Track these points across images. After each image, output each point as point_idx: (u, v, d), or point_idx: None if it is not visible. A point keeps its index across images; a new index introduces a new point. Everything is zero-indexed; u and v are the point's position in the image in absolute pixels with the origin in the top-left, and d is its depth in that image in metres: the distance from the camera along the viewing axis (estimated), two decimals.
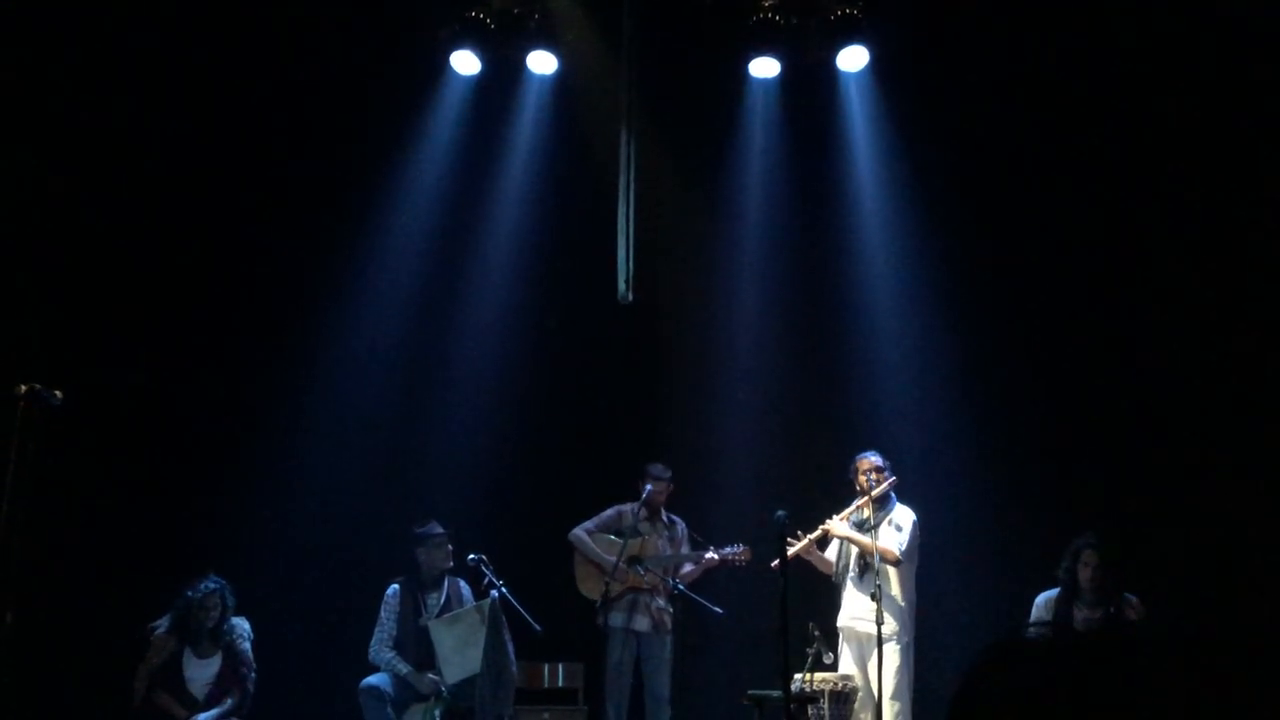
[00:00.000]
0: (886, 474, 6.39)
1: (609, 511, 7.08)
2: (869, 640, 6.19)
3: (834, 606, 6.51)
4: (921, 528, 6.43)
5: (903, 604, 6.26)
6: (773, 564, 5.81)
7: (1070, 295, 7.48)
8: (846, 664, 6.38)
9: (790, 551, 6.07)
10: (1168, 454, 6.93)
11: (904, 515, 6.39)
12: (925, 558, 6.53)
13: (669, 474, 7.05)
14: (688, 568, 6.94)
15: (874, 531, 6.20)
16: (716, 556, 6.84)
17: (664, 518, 7.08)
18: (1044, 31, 7.38)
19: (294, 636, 7.26)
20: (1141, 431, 7.06)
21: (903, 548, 6.24)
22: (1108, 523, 6.34)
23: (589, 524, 7.04)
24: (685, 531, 7.09)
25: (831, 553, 6.59)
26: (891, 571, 6.22)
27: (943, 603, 7.06)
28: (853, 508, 6.43)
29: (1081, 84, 7.41)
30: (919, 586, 6.45)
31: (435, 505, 7.13)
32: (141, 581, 6.76)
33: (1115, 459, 7.14)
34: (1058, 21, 7.35)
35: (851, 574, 6.44)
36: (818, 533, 6.40)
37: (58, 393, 4.00)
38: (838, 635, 6.45)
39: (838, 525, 6.40)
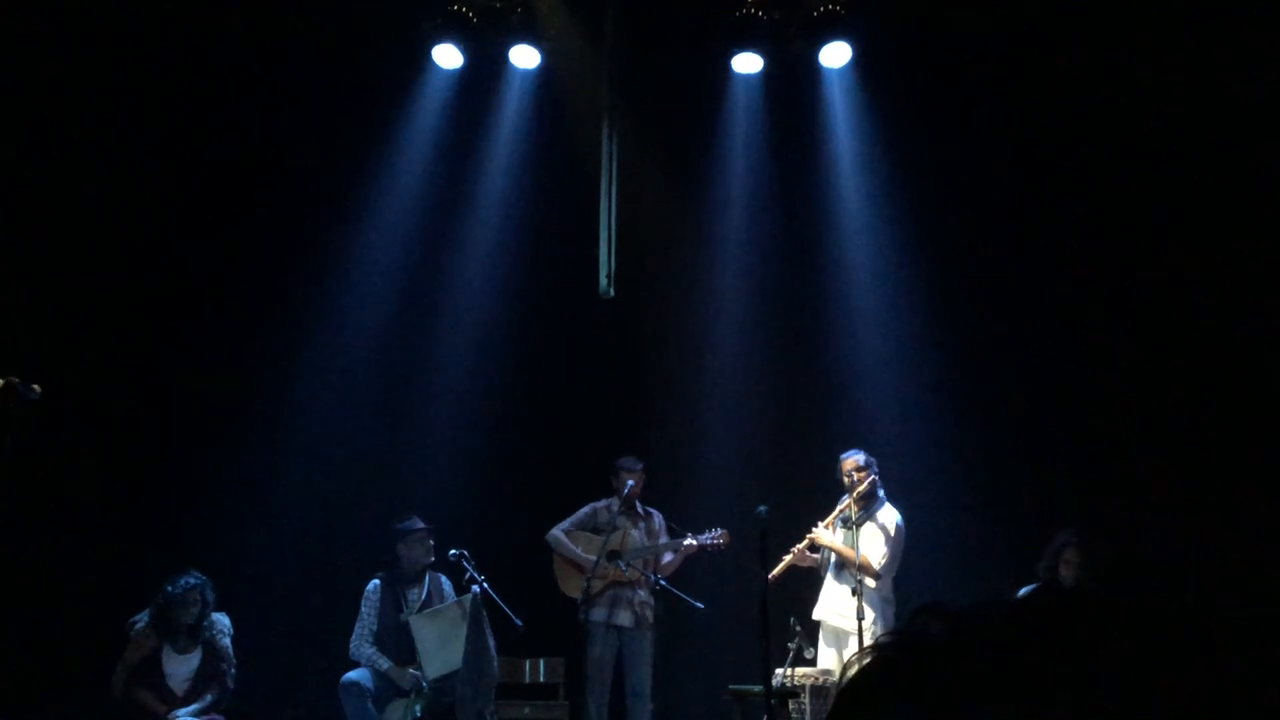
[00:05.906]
0: (870, 472, 6.40)
1: (584, 509, 7.08)
2: (845, 634, 6.24)
3: (815, 601, 6.53)
4: (906, 527, 6.44)
5: (881, 600, 6.28)
6: (769, 575, 5.81)
7: (1052, 290, 7.51)
8: (824, 656, 6.41)
9: (783, 564, 6.21)
10: (1150, 450, 6.96)
11: (889, 519, 6.36)
12: (906, 554, 6.54)
13: (641, 464, 7.06)
14: (668, 557, 6.94)
15: (857, 530, 6.23)
16: (695, 543, 6.84)
17: (639, 509, 7.08)
18: (1025, 26, 7.40)
19: (274, 632, 7.23)
20: (1124, 428, 7.10)
21: (882, 562, 6.24)
22: (1090, 520, 6.38)
23: (565, 524, 7.03)
24: (662, 522, 7.10)
25: None
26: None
27: (923, 599, 7.06)
28: (838, 509, 6.45)
29: (1064, 79, 7.43)
30: (899, 583, 6.47)
31: (416, 500, 7.12)
32: (121, 577, 6.74)
33: (1097, 455, 7.17)
34: (1039, 16, 7.37)
35: (831, 567, 6.47)
36: (805, 542, 6.41)
37: (36, 387, 3.97)
38: (817, 628, 6.48)
39: (823, 534, 6.40)
